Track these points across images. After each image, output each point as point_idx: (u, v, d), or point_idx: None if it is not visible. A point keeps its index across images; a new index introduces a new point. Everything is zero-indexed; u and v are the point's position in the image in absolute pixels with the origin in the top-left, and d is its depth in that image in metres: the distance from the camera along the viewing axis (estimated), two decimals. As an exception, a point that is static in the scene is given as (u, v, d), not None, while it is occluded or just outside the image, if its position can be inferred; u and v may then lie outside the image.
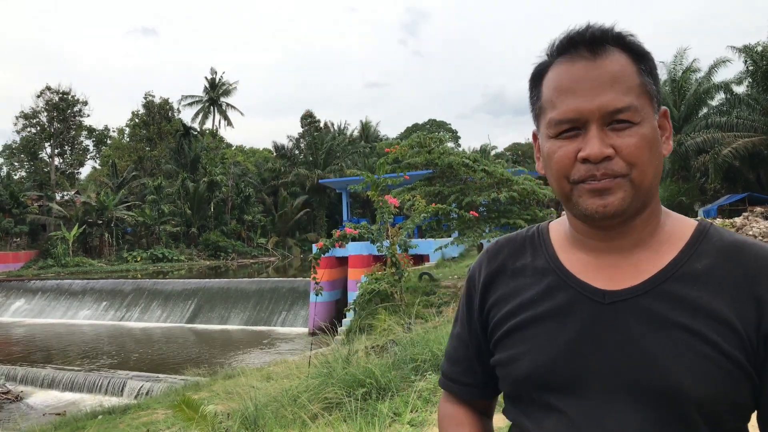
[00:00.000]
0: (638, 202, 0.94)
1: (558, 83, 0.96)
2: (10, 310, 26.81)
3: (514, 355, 1.02)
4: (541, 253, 1.07)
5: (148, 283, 26.78)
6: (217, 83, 58.09)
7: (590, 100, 0.92)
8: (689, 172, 28.94)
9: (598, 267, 1.00)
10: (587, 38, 0.94)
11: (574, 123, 0.93)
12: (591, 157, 0.91)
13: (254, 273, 34.58)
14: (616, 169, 0.91)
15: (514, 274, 1.08)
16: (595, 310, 0.96)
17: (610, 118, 0.92)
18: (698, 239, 0.98)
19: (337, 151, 54.30)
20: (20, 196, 39.85)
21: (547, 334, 0.99)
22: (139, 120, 51.83)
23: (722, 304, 0.91)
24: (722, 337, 0.89)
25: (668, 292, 0.93)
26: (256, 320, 22.02)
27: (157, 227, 43.82)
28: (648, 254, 0.98)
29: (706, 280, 0.93)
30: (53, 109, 45.34)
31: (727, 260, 0.94)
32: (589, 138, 0.92)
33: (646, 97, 0.94)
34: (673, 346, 0.90)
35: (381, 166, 9.25)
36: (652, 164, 0.94)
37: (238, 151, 63.06)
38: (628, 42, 0.96)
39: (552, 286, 1.01)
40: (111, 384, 14.35)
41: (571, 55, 0.95)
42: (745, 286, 0.91)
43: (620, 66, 0.93)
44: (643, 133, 0.93)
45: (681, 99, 30.11)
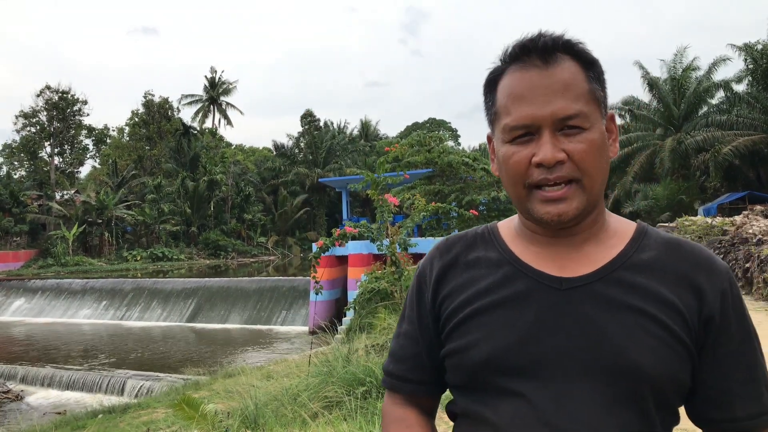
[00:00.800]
0: (590, 206, 1.01)
1: (512, 90, 1.01)
2: (10, 309, 26.80)
3: (470, 342, 1.04)
4: (494, 247, 1.12)
5: (148, 283, 26.76)
6: (216, 82, 58.08)
7: (543, 107, 0.97)
8: (689, 171, 28.95)
9: (551, 257, 1.05)
10: (539, 47, 1.00)
11: (528, 129, 0.99)
12: (545, 161, 0.97)
13: (254, 272, 34.57)
14: (568, 174, 0.97)
15: (467, 267, 1.12)
16: (553, 296, 1.01)
17: (562, 124, 0.97)
18: (641, 235, 1.07)
19: (337, 150, 54.29)
20: (20, 195, 39.85)
21: (506, 320, 1.02)
22: (139, 119, 51.80)
23: (667, 290, 0.99)
24: (671, 319, 0.97)
25: (620, 279, 1.00)
26: (256, 319, 22.01)
27: (157, 226, 43.81)
28: (597, 247, 1.05)
29: (652, 269, 1.01)
30: (53, 109, 45.30)
31: (669, 254, 1.03)
32: (542, 143, 0.97)
33: (594, 103, 1.00)
34: (627, 326, 0.96)
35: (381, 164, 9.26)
36: (601, 168, 1.00)
37: (238, 150, 63.05)
38: (578, 50, 1.01)
39: (508, 275, 1.06)
40: (111, 383, 14.33)
41: (524, 63, 1.00)
42: (685, 276, 1.00)
43: (570, 74, 0.99)
44: (593, 139, 0.98)
45: (681, 97, 30.11)
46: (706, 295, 0.99)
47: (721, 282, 1.00)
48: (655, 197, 28.20)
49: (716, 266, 1.02)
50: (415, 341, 1.18)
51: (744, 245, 12.32)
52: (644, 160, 29.77)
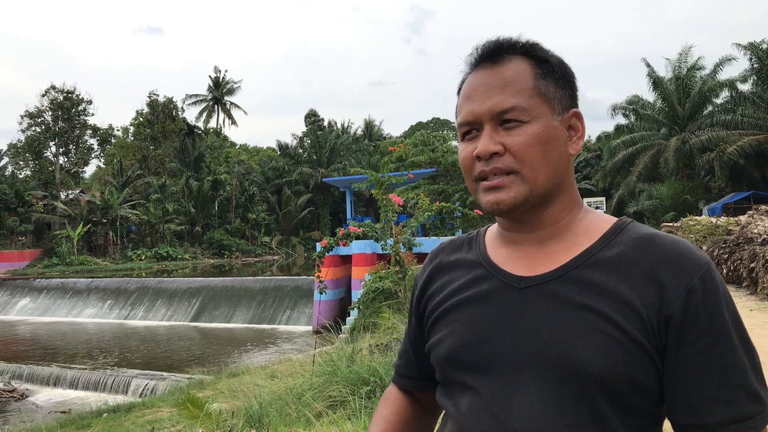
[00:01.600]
0: (535, 198, 1.01)
1: (463, 92, 1.07)
2: (16, 308, 26.89)
3: (438, 339, 1.10)
4: (474, 249, 1.16)
5: (153, 282, 26.82)
6: (221, 82, 58.19)
7: (482, 103, 1.02)
8: (694, 170, 28.87)
9: (518, 258, 1.07)
10: (488, 50, 1.05)
11: (472, 125, 1.03)
12: (480, 153, 1.00)
13: (258, 271, 34.61)
14: (504, 165, 1.00)
15: (449, 268, 1.17)
16: (512, 294, 1.03)
17: (500, 118, 1.00)
18: (614, 232, 1.04)
19: (341, 149, 54.34)
20: (25, 195, 39.98)
21: (468, 317, 1.06)
22: (144, 119, 51.94)
23: (626, 288, 0.95)
24: (624, 318, 0.94)
25: (577, 277, 0.99)
26: (260, 319, 22.05)
27: (162, 226, 43.90)
28: (564, 245, 1.04)
29: (614, 266, 0.98)
30: (58, 108, 45.44)
31: (636, 249, 0.99)
32: (481, 137, 1.02)
33: (539, 98, 1.01)
34: (576, 325, 0.95)
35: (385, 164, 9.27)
36: (546, 161, 1.00)
37: (243, 150, 63.15)
38: (528, 49, 1.05)
39: (478, 276, 1.09)
40: (116, 382, 14.38)
41: (478, 67, 1.06)
42: (649, 272, 0.96)
43: (514, 71, 1.02)
44: (533, 132, 0.99)
45: (686, 97, 30.04)
46: (667, 291, 0.94)
47: (689, 277, 0.94)
48: (660, 197, 28.14)
49: (687, 260, 0.96)
50: (407, 339, 1.28)
51: (749, 245, 12.28)
52: (648, 159, 29.72)
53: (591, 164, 43.82)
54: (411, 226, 9.50)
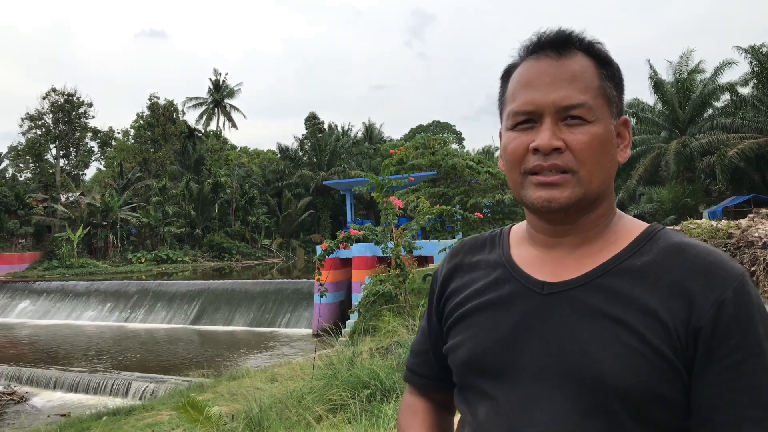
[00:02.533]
0: (585, 201, 0.97)
1: (520, 78, 1.01)
2: (16, 311, 26.87)
3: (458, 342, 1.07)
4: (497, 249, 1.13)
5: (153, 285, 26.80)
6: (221, 85, 58.24)
7: (547, 94, 0.96)
8: (694, 174, 28.88)
9: (543, 261, 1.04)
10: (554, 39, 1.00)
11: (530, 115, 0.98)
12: (541, 147, 0.95)
13: (258, 274, 34.58)
14: (564, 163, 0.95)
15: (470, 268, 1.14)
16: (534, 300, 0.99)
17: (564, 113, 0.96)
18: (644, 239, 1.00)
19: (341, 152, 54.36)
20: (25, 197, 39.99)
21: (488, 322, 1.02)
22: (144, 122, 51.96)
23: (653, 299, 0.92)
24: (650, 330, 0.90)
25: (603, 286, 0.95)
26: (261, 321, 22.02)
27: (162, 228, 43.90)
28: (593, 251, 1.01)
29: (642, 275, 0.94)
30: (58, 111, 45.48)
31: (666, 258, 0.95)
32: (542, 130, 0.96)
33: (603, 100, 0.98)
34: (600, 335, 0.92)
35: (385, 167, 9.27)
36: (602, 165, 0.97)
37: (243, 152, 63.18)
38: (595, 48, 1.01)
39: (499, 277, 1.06)
40: (115, 385, 14.34)
41: (538, 55, 1.00)
42: (679, 282, 0.92)
43: (581, 66, 0.98)
44: (596, 133, 0.96)
45: (686, 100, 30.04)
46: (697, 302, 0.89)
47: (721, 288, 0.89)
48: (660, 200, 28.12)
49: (720, 271, 0.91)
50: (426, 338, 1.24)
51: (750, 249, 12.25)
52: (649, 163, 29.71)
53: (591, 167, 43.78)
54: (411, 229, 9.51)
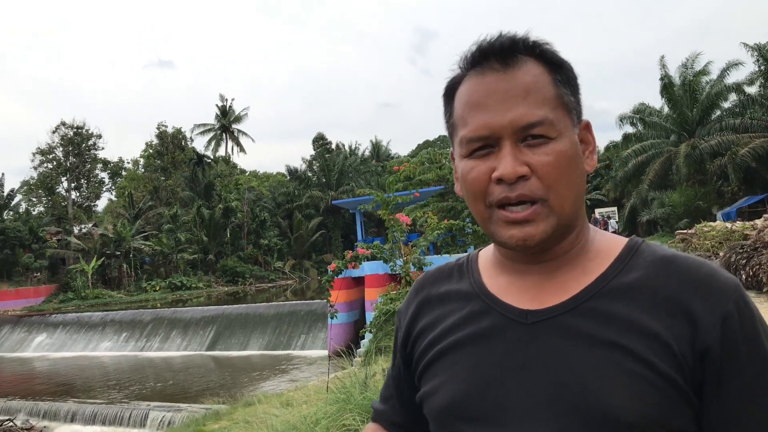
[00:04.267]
0: (561, 228, 0.88)
1: (468, 98, 0.90)
2: (33, 344, 26.96)
3: (434, 386, 0.95)
4: (466, 278, 1.01)
5: (167, 312, 26.82)
6: (228, 110, 58.71)
7: (502, 115, 0.85)
8: (705, 176, 28.66)
9: (522, 288, 0.93)
10: (497, 48, 0.88)
11: (487, 140, 0.87)
12: (504, 176, 0.84)
13: (272, 297, 34.57)
14: (531, 192, 0.85)
15: (439, 302, 1.02)
16: (518, 331, 0.89)
17: (524, 133, 0.85)
18: (629, 254, 0.91)
19: (350, 171, 54.52)
20: (39, 231, 40.32)
21: (468, 361, 0.91)
22: (153, 150, 52.40)
23: (653, 320, 0.83)
24: (655, 355, 0.81)
25: (594, 309, 0.86)
26: (276, 345, 21.94)
27: (175, 256, 44.05)
28: (575, 272, 0.91)
29: (635, 294, 0.85)
30: (68, 144, 45.99)
31: (658, 274, 0.86)
32: (502, 156, 0.85)
33: (562, 109, 0.88)
34: (600, 364, 0.82)
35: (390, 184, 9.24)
36: (573, 184, 0.87)
37: (252, 176, 63.50)
38: (543, 51, 0.90)
39: (475, 310, 0.95)
40: (133, 415, 14.30)
41: (482, 68, 0.89)
42: (675, 298, 0.83)
43: (533, 76, 0.87)
44: (561, 150, 0.86)
45: (693, 102, 29.90)
46: (700, 321, 0.81)
47: (722, 303, 0.82)
48: (672, 204, 27.91)
49: (717, 284, 0.84)
50: (392, 383, 1.14)
51: (767, 249, 12.09)
52: (659, 167, 29.54)
53: (600, 174, 43.62)
54: (421, 245, 9.44)
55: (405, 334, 1.06)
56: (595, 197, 40.33)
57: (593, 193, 41.09)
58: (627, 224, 34.25)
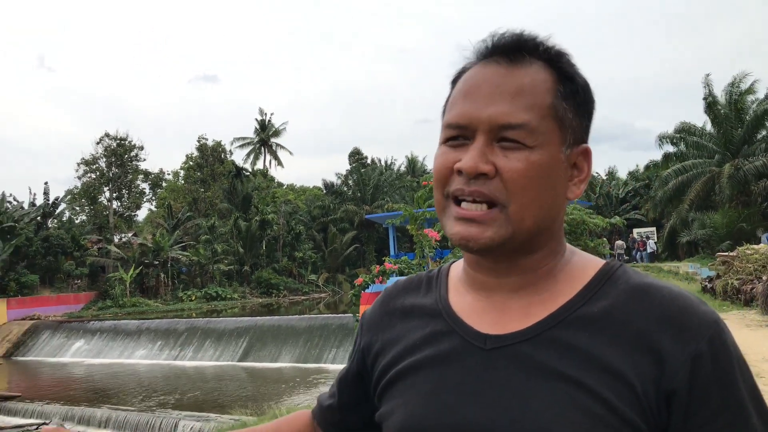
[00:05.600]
0: (515, 243, 0.82)
1: (462, 86, 0.86)
2: (71, 350, 27.54)
3: (391, 408, 0.91)
4: (434, 293, 0.96)
5: (202, 322, 27.15)
6: (267, 124, 59.57)
7: (483, 108, 0.81)
8: (750, 197, 27.89)
9: (485, 309, 0.88)
10: (506, 44, 0.85)
11: (462, 130, 0.83)
12: (464, 169, 0.80)
13: (305, 309, 34.71)
14: (489, 192, 0.80)
15: (403, 316, 0.98)
16: (476, 357, 0.84)
17: (500, 133, 0.81)
18: (601, 281, 0.85)
19: (385, 186, 54.63)
20: (81, 239, 41.30)
21: (425, 385, 0.87)
22: (193, 162, 53.35)
23: (617, 355, 0.77)
24: (613, 393, 0.75)
25: (557, 339, 0.81)
26: (307, 357, 21.98)
27: (211, 266, 44.62)
28: (541, 296, 0.86)
29: (601, 326, 0.80)
30: (111, 155, 47.11)
31: (627, 304, 0.80)
32: (470, 149, 0.81)
33: (553, 122, 0.82)
34: (554, 400, 0.77)
35: (419, 199, 9.18)
36: (540, 201, 0.81)
37: (289, 189, 64.13)
38: (554, 57, 0.85)
39: (437, 330, 0.91)
40: (164, 424, 14.46)
41: (488, 60, 0.85)
42: (644, 333, 0.77)
43: (531, 79, 0.82)
44: (534, 161, 0.80)
45: (739, 122, 29.21)
46: (667, 359, 0.75)
47: (694, 341, 0.75)
48: (714, 226, 27.19)
49: (691, 319, 0.77)
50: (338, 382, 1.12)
51: (811, 274, 11.66)
52: (700, 187, 28.87)
53: (640, 194, 42.86)
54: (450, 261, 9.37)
55: (365, 345, 1.03)
56: (634, 217, 39.60)
57: (632, 213, 40.38)
58: (666, 245, 33.50)
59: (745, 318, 12.31)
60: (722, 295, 15.47)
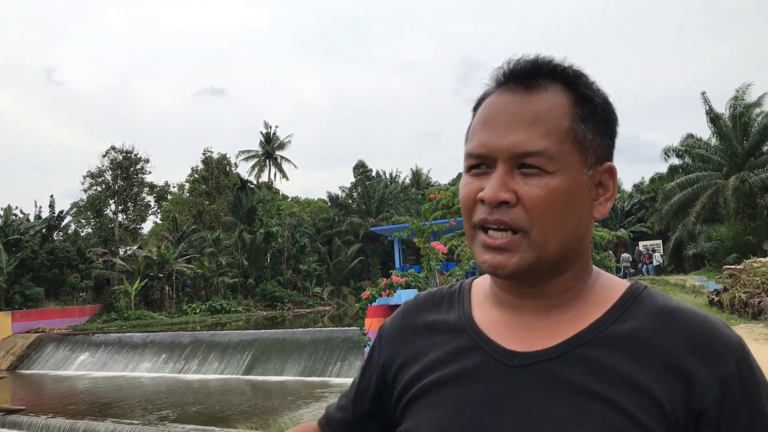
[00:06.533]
0: (541, 267, 0.84)
1: (481, 114, 0.89)
2: (75, 363, 27.50)
3: (415, 424, 0.91)
4: (457, 309, 0.97)
5: (206, 335, 27.11)
6: (271, 137, 59.78)
7: (502, 137, 0.83)
8: (756, 210, 27.80)
9: (511, 327, 0.90)
10: (521, 70, 0.86)
11: (483, 159, 0.85)
12: (486, 198, 0.82)
13: (310, 323, 34.61)
14: (511, 220, 0.82)
15: (425, 331, 0.98)
16: (503, 374, 0.85)
17: (519, 160, 0.82)
18: (627, 302, 0.86)
19: (389, 198, 54.67)
20: (86, 252, 41.38)
21: (449, 401, 0.88)
22: (198, 175, 53.53)
23: (646, 375, 0.78)
24: (644, 412, 0.77)
25: (585, 357, 0.82)
26: (311, 371, 21.89)
27: (216, 279, 44.64)
28: (568, 315, 0.87)
29: (629, 345, 0.81)
30: (117, 168, 47.29)
31: (656, 325, 0.82)
32: (491, 178, 0.83)
33: (572, 145, 0.83)
34: (584, 417, 0.78)
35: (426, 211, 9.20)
36: (562, 224, 0.83)
37: (294, 202, 64.25)
38: (571, 79, 0.86)
39: (462, 346, 0.92)
40: (168, 437, 14.39)
41: (504, 88, 0.87)
42: (672, 354, 0.79)
43: (548, 105, 0.84)
44: (555, 186, 0.81)
45: (744, 135, 29.17)
46: (696, 381, 0.77)
47: (722, 363, 0.78)
48: (720, 238, 27.10)
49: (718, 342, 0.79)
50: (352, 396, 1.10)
51: (819, 287, 11.59)
52: (706, 200, 28.80)
53: (645, 206, 42.80)
54: (456, 274, 9.35)
55: (387, 358, 1.02)
56: (639, 230, 39.52)
57: (637, 226, 40.32)
58: (672, 258, 33.38)
59: (753, 332, 12.23)
60: (729, 309, 15.37)
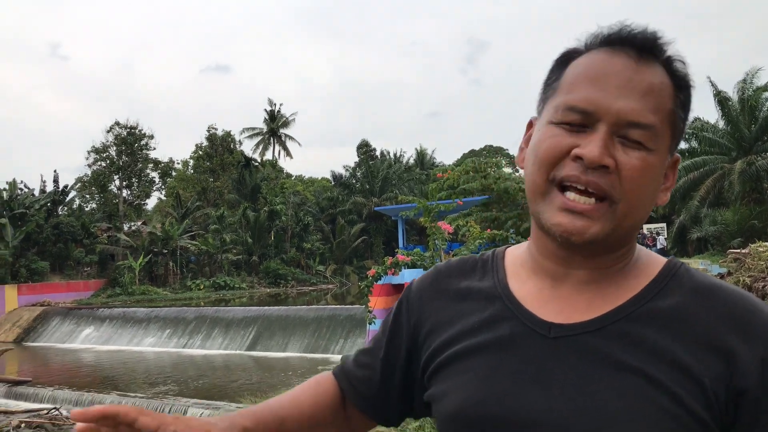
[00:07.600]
0: (612, 239, 0.82)
1: (587, 69, 0.83)
2: (81, 337, 27.73)
3: (445, 390, 0.90)
4: (491, 277, 0.95)
5: (210, 311, 27.26)
6: (276, 115, 59.56)
7: (614, 99, 0.79)
8: (761, 195, 27.70)
9: (549, 297, 0.88)
10: (639, 38, 0.82)
11: (585, 116, 0.80)
12: (587, 157, 0.78)
13: (313, 300, 34.80)
14: (605, 185, 0.79)
15: (457, 297, 0.96)
16: (539, 344, 0.84)
17: (624, 129, 0.79)
18: (666, 278, 0.85)
19: (393, 178, 54.59)
20: (91, 227, 41.50)
21: (483, 368, 0.86)
22: (203, 152, 53.46)
23: (686, 352, 0.77)
24: (683, 388, 0.76)
25: (624, 332, 0.81)
26: (314, 348, 22.06)
27: (220, 256, 44.79)
28: (609, 289, 0.86)
29: (669, 321, 0.80)
30: (122, 144, 47.23)
31: (696, 302, 0.81)
32: (592, 138, 0.79)
33: (669, 128, 0.83)
34: (623, 391, 0.77)
35: (433, 191, 9.21)
36: (645, 202, 0.82)
37: (298, 180, 64.21)
38: (676, 66, 0.84)
39: (496, 314, 0.90)
40: (172, 411, 14.53)
41: (615, 49, 0.83)
42: (712, 332, 0.78)
43: (660, 82, 0.81)
44: (652, 164, 0.80)
45: (751, 119, 28.98)
46: (738, 360, 0.76)
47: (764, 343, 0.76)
48: (725, 222, 27.03)
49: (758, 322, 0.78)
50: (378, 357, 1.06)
51: (824, 272, 11.58)
52: (712, 184, 28.70)
53: (651, 189, 42.65)
54: (462, 254, 9.37)
55: (416, 320, 1.01)
56: (644, 213, 39.43)
57: (642, 209, 40.20)
58: (676, 241, 33.35)
59: (756, 315, 12.25)
60: (733, 293, 15.37)
